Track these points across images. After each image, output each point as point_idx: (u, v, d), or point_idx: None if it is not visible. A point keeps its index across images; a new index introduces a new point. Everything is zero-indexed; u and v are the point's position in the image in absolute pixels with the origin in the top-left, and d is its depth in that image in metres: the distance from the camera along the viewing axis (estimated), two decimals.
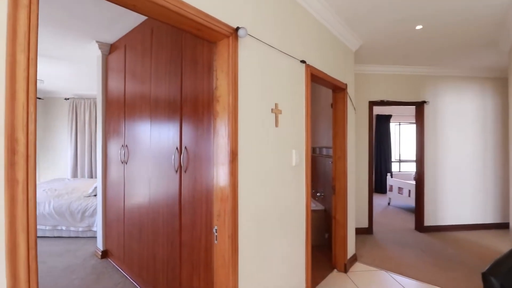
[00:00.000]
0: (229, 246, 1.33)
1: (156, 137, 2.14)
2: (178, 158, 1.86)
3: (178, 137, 1.88)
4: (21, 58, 0.72)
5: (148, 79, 2.27)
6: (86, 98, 5.92)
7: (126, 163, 2.61)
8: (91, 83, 4.86)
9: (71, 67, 3.90)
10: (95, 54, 3.19)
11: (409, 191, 5.06)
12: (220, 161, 1.38)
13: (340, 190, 2.67)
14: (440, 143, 4.01)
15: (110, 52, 3.03)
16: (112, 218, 2.91)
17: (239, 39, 1.41)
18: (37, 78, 4.33)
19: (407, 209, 5.32)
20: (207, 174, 1.56)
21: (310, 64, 2.07)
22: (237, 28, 1.36)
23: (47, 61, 3.62)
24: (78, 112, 5.94)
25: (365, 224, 3.79)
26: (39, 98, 5.72)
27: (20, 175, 0.72)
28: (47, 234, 3.66)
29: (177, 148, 1.88)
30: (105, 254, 3.04)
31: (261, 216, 1.57)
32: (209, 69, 1.54)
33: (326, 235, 3.25)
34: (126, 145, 2.61)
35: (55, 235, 3.67)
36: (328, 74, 2.34)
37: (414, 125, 4.24)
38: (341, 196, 2.67)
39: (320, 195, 3.48)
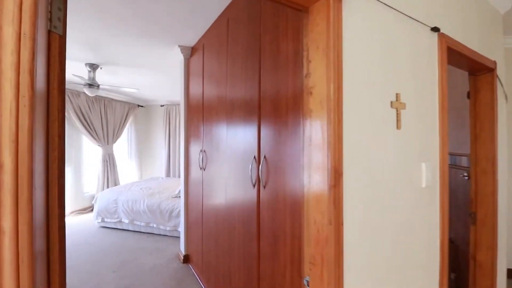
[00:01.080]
0: None
1: (232, 143, 1.86)
2: (256, 169, 1.51)
3: (255, 143, 1.52)
4: (8, 35, 0.45)
5: (223, 77, 2.02)
6: (177, 104, 6.44)
7: (204, 170, 2.46)
8: (178, 89, 5.18)
9: (160, 75, 4.17)
10: (179, 59, 3.23)
11: None
12: (314, 183, 0.93)
13: (485, 219, 1.81)
14: None
15: (191, 55, 3.00)
16: (192, 223, 2.85)
17: None
18: (132, 87, 4.84)
19: None
20: (293, 194, 1.13)
21: (445, 33, 1.38)
22: None
23: (140, 71, 3.94)
24: (171, 117, 6.53)
25: None
26: (141, 106, 6.53)
27: (6, 221, 0.45)
28: (142, 230, 3.98)
29: (254, 157, 1.53)
30: (186, 258, 3.02)
31: (376, 264, 1.03)
32: (295, 54, 1.11)
33: (453, 276, 2.35)
34: (204, 151, 2.46)
35: (148, 231, 3.96)
36: (470, 47, 1.57)
37: None
38: (488, 227, 1.80)
39: None
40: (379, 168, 1.03)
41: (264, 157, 1.43)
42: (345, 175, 0.89)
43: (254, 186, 1.53)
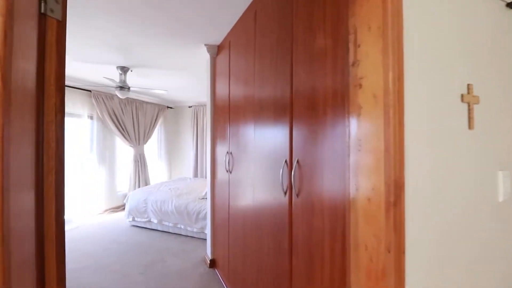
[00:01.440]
0: None
1: (260, 145, 1.71)
2: (287, 175, 1.35)
3: (287, 146, 1.36)
4: None
5: (251, 75, 1.88)
6: (204, 105, 6.47)
7: (230, 173, 2.35)
8: (205, 90, 5.18)
9: (188, 76, 4.16)
10: (205, 59, 3.17)
11: None
12: (363, 198, 0.74)
13: None
14: None
15: (217, 54, 2.91)
16: (219, 227, 2.76)
17: None
18: (161, 89, 4.93)
19: None
20: (333, 207, 0.96)
21: None
22: None
23: (168, 73, 3.96)
24: (198, 118, 6.58)
25: None
26: (170, 107, 6.65)
27: None
28: (170, 230, 4.00)
29: (285, 162, 1.37)
30: (212, 263, 2.94)
31: None
32: (335, 42, 0.94)
33: None
34: (231, 153, 2.35)
35: (175, 232, 3.96)
36: None
37: None
38: None
39: None
40: (447, 179, 0.82)
41: (297, 161, 1.27)
42: (407, 189, 0.70)
43: (285, 194, 1.37)
